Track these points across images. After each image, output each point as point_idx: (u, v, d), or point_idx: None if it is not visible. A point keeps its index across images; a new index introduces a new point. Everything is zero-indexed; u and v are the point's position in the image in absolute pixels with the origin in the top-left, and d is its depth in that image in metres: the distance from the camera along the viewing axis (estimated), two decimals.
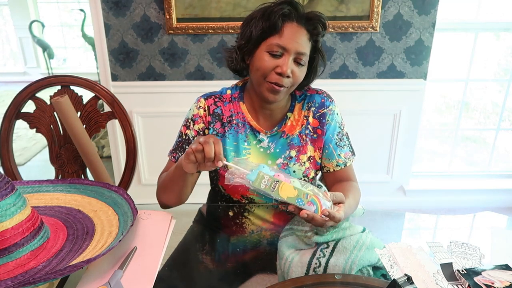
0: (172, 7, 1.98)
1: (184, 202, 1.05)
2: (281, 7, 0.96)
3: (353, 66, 2.16)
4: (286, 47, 0.95)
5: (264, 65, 0.96)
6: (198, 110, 1.08)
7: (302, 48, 0.96)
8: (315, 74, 1.06)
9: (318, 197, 0.78)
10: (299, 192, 0.77)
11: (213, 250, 0.94)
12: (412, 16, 2.06)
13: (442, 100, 3.14)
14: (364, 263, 0.81)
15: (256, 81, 1.00)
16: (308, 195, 0.77)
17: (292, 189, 0.78)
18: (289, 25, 0.96)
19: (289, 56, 0.95)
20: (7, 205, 0.73)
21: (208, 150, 0.82)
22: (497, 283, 0.71)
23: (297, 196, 0.76)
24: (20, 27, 5.77)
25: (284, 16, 0.96)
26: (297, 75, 0.98)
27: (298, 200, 0.76)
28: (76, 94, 1.29)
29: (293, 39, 0.95)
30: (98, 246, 0.79)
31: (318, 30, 0.99)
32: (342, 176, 1.10)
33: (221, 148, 0.85)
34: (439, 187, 2.53)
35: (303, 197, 0.76)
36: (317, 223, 0.80)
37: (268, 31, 0.96)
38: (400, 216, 1.18)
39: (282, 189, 0.77)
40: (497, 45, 2.66)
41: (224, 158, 0.86)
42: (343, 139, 1.11)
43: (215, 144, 0.84)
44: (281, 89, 0.97)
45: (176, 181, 0.98)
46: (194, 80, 2.15)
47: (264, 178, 0.78)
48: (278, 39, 0.95)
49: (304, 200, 0.76)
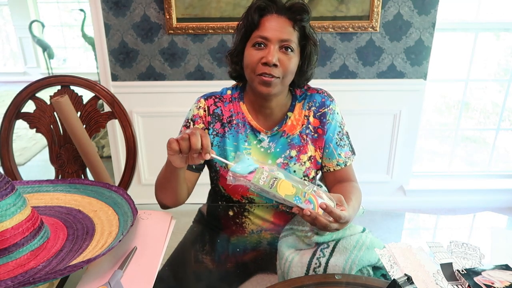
0: (172, 7, 1.98)
1: (182, 202, 1.04)
2: (257, 2, 0.98)
3: (353, 66, 2.16)
4: (267, 36, 0.96)
5: (251, 59, 0.98)
6: (198, 110, 1.08)
7: (285, 35, 0.96)
8: (309, 63, 1.04)
9: (315, 196, 0.77)
10: (297, 190, 0.77)
11: (213, 250, 0.94)
12: (412, 16, 2.06)
13: (442, 100, 3.14)
14: (364, 263, 0.81)
15: (249, 78, 1.01)
16: (306, 194, 0.77)
17: (291, 186, 0.77)
18: (269, 17, 0.98)
19: (272, 45, 0.96)
20: (7, 205, 0.73)
21: (194, 140, 0.80)
22: (497, 283, 0.71)
23: (295, 194, 0.76)
24: (20, 27, 5.77)
25: (261, 10, 0.98)
26: (285, 63, 0.97)
27: (296, 198, 0.75)
28: (76, 94, 1.29)
29: (273, 28, 0.96)
30: (98, 246, 0.79)
31: (302, 17, 0.98)
32: (342, 175, 1.10)
33: (208, 141, 0.82)
34: (439, 187, 2.53)
35: (301, 195, 0.76)
36: (320, 224, 0.79)
37: (249, 28, 0.99)
38: (400, 216, 1.18)
39: (281, 186, 0.76)
40: (497, 45, 2.66)
41: (212, 151, 0.84)
42: (343, 139, 1.11)
43: (202, 136, 0.81)
44: (272, 80, 0.97)
45: (168, 178, 0.97)
46: (194, 80, 2.15)
47: (263, 174, 0.77)
48: (259, 31, 0.97)
49: (302, 199, 0.75)
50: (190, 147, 0.81)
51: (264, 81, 0.97)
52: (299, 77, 1.05)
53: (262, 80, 0.97)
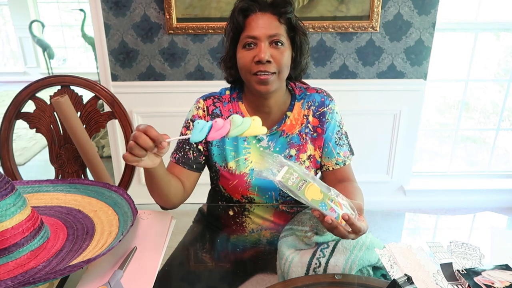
0: (172, 7, 1.98)
1: (178, 202, 1.02)
2: (239, 4, 0.99)
3: (353, 66, 2.16)
4: (255, 35, 0.96)
5: (244, 61, 0.98)
6: (197, 111, 1.09)
7: (273, 30, 0.96)
8: (301, 53, 1.04)
9: (341, 205, 0.75)
10: (325, 196, 0.74)
11: (213, 250, 0.94)
12: (412, 16, 2.06)
13: (442, 100, 3.14)
14: (364, 263, 0.81)
15: (246, 79, 1.02)
16: (332, 201, 0.75)
17: (319, 192, 0.74)
18: (253, 16, 0.98)
19: (262, 43, 0.96)
20: (7, 205, 0.73)
21: (142, 142, 0.75)
22: (497, 283, 0.71)
23: (322, 199, 0.73)
24: (20, 27, 5.78)
25: (244, 11, 0.98)
26: (278, 58, 0.97)
27: (322, 204, 0.73)
28: (76, 94, 1.29)
29: (260, 26, 0.96)
30: (98, 246, 0.79)
31: (286, 9, 0.98)
32: (341, 175, 1.10)
33: (153, 131, 0.77)
34: (439, 187, 2.53)
35: (328, 202, 0.73)
36: (339, 233, 0.77)
37: (236, 31, 0.99)
38: (400, 216, 1.18)
39: (309, 190, 0.74)
40: (497, 45, 2.66)
41: (166, 135, 0.78)
42: (342, 138, 1.11)
43: (146, 131, 0.76)
44: (269, 78, 0.97)
45: (150, 180, 0.93)
46: (194, 80, 2.15)
47: (292, 175, 0.75)
48: (247, 32, 0.97)
49: (328, 206, 0.73)
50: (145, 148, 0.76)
51: (261, 80, 0.97)
52: (294, 69, 1.05)
53: (259, 79, 0.97)
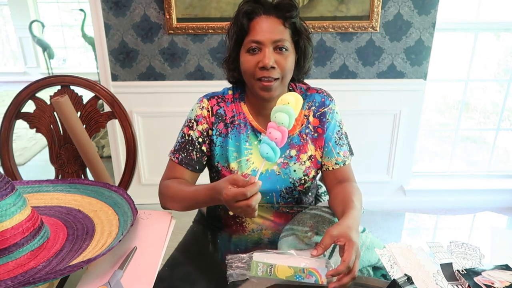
0: (172, 7, 1.98)
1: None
2: (244, 7, 0.97)
3: (353, 66, 2.16)
4: (260, 40, 0.95)
5: (248, 65, 0.98)
6: (201, 110, 1.08)
7: (277, 35, 0.96)
8: (305, 57, 1.04)
9: (314, 269, 0.78)
10: (295, 269, 0.78)
11: (213, 250, 0.94)
12: (412, 16, 2.06)
13: (442, 100, 3.14)
14: (364, 263, 0.81)
15: (249, 83, 1.02)
16: (304, 270, 0.78)
17: (287, 268, 0.78)
18: (257, 20, 0.97)
19: (266, 48, 0.95)
20: (7, 205, 0.73)
21: (255, 203, 0.78)
22: (497, 283, 0.71)
23: (294, 273, 0.77)
24: (20, 27, 5.78)
25: (248, 14, 0.97)
26: (282, 63, 0.97)
27: (297, 276, 0.76)
28: (76, 94, 1.29)
29: (264, 30, 0.95)
30: (98, 246, 0.79)
31: (291, 13, 0.97)
32: (341, 175, 1.10)
33: (240, 182, 0.79)
34: (439, 187, 2.53)
35: (300, 273, 0.77)
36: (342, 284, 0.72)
37: (240, 34, 0.98)
38: (400, 216, 1.18)
39: (278, 271, 0.77)
40: (497, 45, 2.66)
41: (253, 177, 0.80)
42: (342, 138, 1.11)
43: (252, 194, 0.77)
44: (272, 84, 0.97)
45: (200, 205, 0.99)
46: (194, 80, 2.15)
47: (258, 266, 0.78)
48: (251, 36, 0.96)
49: (302, 275, 0.76)
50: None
51: (265, 86, 0.97)
52: (297, 72, 1.05)
53: (262, 85, 0.97)
